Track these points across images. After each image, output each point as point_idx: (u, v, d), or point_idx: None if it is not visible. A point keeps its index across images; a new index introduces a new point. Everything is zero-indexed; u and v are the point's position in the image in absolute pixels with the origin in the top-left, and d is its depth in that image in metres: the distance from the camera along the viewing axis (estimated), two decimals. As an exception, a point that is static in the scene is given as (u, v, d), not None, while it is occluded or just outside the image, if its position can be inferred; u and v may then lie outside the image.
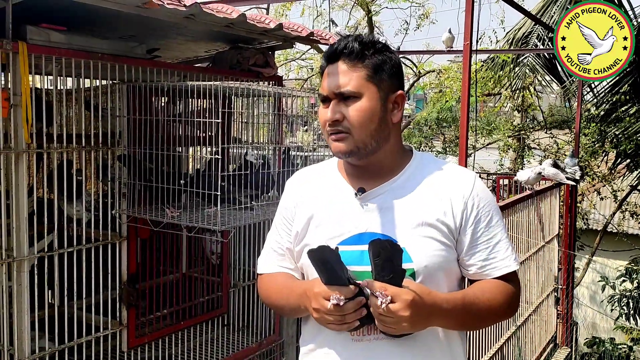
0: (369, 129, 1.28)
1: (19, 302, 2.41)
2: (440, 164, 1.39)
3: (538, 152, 9.47)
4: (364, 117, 1.27)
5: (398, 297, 1.15)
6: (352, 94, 1.27)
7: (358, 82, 1.27)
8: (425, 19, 9.92)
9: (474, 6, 3.27)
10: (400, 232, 1.28)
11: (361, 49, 1.28)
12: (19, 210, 2.38)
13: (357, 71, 1.27)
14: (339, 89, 1.27)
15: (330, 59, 1.30)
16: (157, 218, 2.65)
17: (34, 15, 2.42)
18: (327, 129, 1.29)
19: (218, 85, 2.53)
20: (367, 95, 1.28)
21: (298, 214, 1.41)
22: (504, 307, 1.33)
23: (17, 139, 2.35)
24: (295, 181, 1.47)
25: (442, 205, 1.30)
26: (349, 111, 1.27)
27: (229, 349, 3.40)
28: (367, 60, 1.28)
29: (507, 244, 1.35)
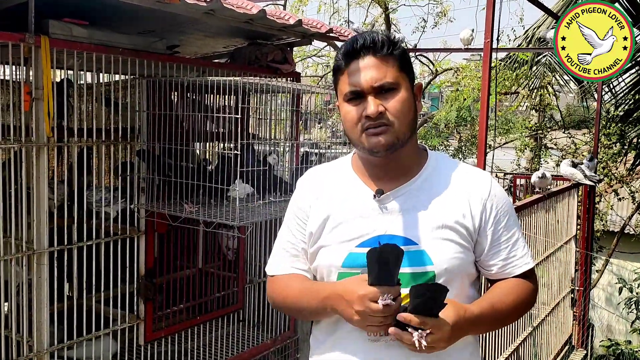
0: (407, 119, 1.28)
1: (38, 294, 2.44)
2: (455, 164, 1.39)
3: (555, 152, 9.36)
4: (405, 108, 1.27)
5: (438, 329, 1.16)
6: (392, 86, 1.26)
7: (394, 73, 1.27)
8: (443, 16, 9.85)
9: (495, 3, 3.24)
10: (420, 234, 1.27)
11: (389, 42, 1.27)
12: (39, 203, 2.40)
13: (391, 63, 1.27)
14: (378, 82, 1.25)
15: (354, 56, 1.28)
16: (175, 213, 2.66)
17: (56, 10, 2.43)
18: (367, 124, 1.26)
19: (237, 81, 2.52)
20: (403, 86, 1.28)
21: (313, 214, 1.37)
22: (527, 305, 1.37)
23: (39, 133, 2.37)
24: (309, 180, 1.44)
25: (460, 207, 1.30)
26: (391, 103, 1.26)
27: (243, 344, 3.41)
28: (395, 52, 1.28)
29: (523, 242, 1.37)
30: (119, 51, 2.59)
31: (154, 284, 2.87)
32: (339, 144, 3.80)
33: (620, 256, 9.24)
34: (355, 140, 1.30)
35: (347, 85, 1.28)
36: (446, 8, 9.88)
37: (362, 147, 1.29)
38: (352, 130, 1.29)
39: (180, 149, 2.75)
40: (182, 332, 3.14)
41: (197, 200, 2.72)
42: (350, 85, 1.27)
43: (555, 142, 9.28)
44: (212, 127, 3.20)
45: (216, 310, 3.34)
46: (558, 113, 9.87)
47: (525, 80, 8.20)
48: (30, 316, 2.45)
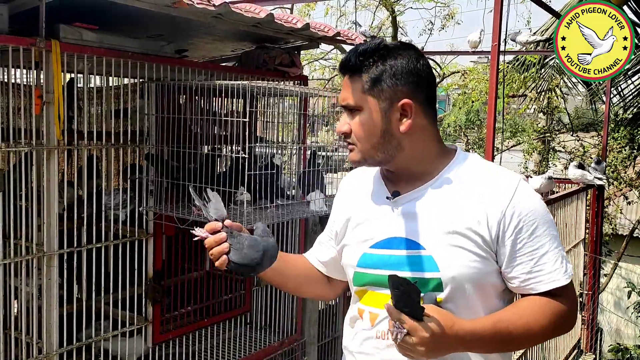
0: (370, 142, 1.26)
1: (48, 296, 2.45)
2: (483, 167, 1.30)
3: (563, 155, 9.31)
4: (364, 131, 1.26)
5: (415, 332, 1.11)
6: (354, 107, 1.27)
7: (356, 95, 1.26)
8: (451, 19, 9.85)
9: (503, 7, 3.23)
10: (427, 238, 1.24)
11: (360, 61, 1.24)
12: (49, 206, 2.42)
13: (356, 84, 1.26)
14: (343, 102, 1.28)
15: (341, 72, 1.32)
16: (183, 215, 2.68)
17: (67, 14, 2.46)
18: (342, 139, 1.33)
19: (246, 84, 2.53)
20: (366, 108, 1.25)
21: (339, 213, 1.43)
22: (547, 328, 1.22)
23: (49, 136, 2.39)
24: (346, 181, 1.49)
25: (476, 213, 1.22)
26: (353, 124, 1.28)
27: (250, 347, 3.42)
28: (365, 72, 1.24)
29: (557, 256, 1.23)
30: (128, 55, 2.61)
31: (161, 286, 2.89)
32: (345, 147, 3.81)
33: (629, 260, 9.17)
34: None
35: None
36: (453, 11, 9.87)
37: None
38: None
39: (188, 152, 2.76)
40: (190, 334, 3.15)
41: (205, 203, 2.73)
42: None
43: (564, 145, 9.23)
44: (220, 130, 3.22)
45: (223, 312, 3.35)
46: (566, 116, 9.82)
47: (533, 83, 8.17)
48: (39, 318, 2.47)
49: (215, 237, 1.29)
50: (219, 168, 3.24)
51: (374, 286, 1.30)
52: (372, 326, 1.30)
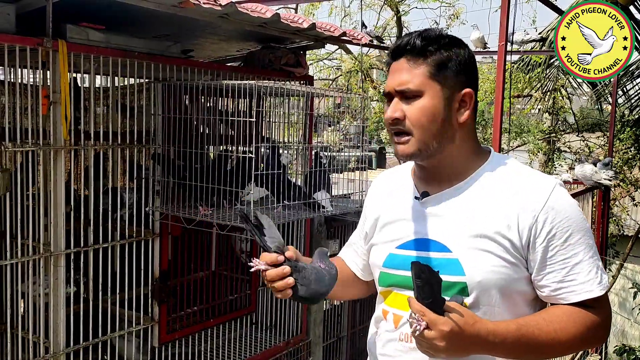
0: (430, 130, 1.20)
1: (55, 296, 2.46)
2: (518, 170, 1.26)
3: (568, 156, 9.27)
4: (426, 117, 1.20)
5: (435, 325, 1.07)
6: (414, 93, 1.20)
7: (420, 80, 1.20)
8: (456, 19, 9.81)
9: (510, 6, 3.21)
10: (454, 241, 1.20)
11: (424, 45, 1.21)
12: (56, 206, 2.43)
13: (420, 68, 1.21)
14: (401, 86, 1.21)
15: (394, 56, 1.25)
16: (189, 216, 2.67)
17: (74, 14, 2.46)
18: (390, 127, 1.24)
19: (252, 84, 2.53)
20: (429, 94, 1.20)
21: (369, 213, 1.42)
22: (576, 338, 1.17)
23: (56, 136, 2.40)
24: (376, 181, 1.48)
25: (506, 218, 1.18)
26: (410, 110, 1.21)
27: (256, 347, 3.42)
28: (430, 57, 1.21)
29: (591, 266, 1.18)
30: (134, 55, 2.61)
31: (168, 286, 2.89)
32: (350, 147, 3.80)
33: (635, 260, 9.12)
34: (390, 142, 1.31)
35: (385, 85, 1.28)
36: (458, 11, 9.84)
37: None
38: (387, 132, 1.28)
39: (194, 152, 2.76)
40: (196, 334, 3.15)
41: (212, 203, 2.73)
42: (385, 86, 1.27)
43: (569, 146, 9.20)
44: (226, 130, 3.22)
45: (229, 312, 3.34)
46: (571, 116, 9.78)
47: (538, 83, 8.14)
48: (46, 317, 2.47)
49: (278, 271, 1.22)
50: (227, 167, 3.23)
51: (398, 287, 1.28)
52: (396, 328, 1.27)
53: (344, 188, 3.35)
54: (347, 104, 8.71)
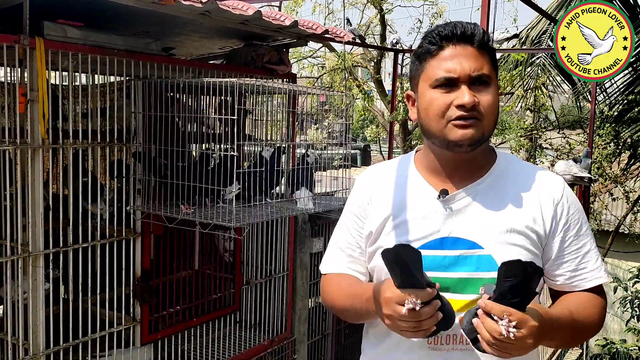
0: (495, 116, 1.21)
1: (34, 297, 2.42)
2: (526, 165, 1.31)
3: (550, 152, 9.39)
4: (495, 105, 1.20)
5: (524, 323, 1.02)
6: (487, 79, 1.19)
7: (489, 68, 1.20)
8: (439, 17, 9.87)
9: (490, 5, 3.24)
10: (486, 238, 1.20)
11: (486, 35, 1.21)
12: (34, 206, 2.39)
13: (486, 57, 1.20)
14: (477, 72, 1.17)
15: (452, 40, 1.19)
16: (171, 214, 2.65)
17: (51, 11, 2.43)
18: (458, 114, 1.17)
19: (233, 82, 2.52)
20: (494, 83, 1.21)
21: (372, 212, 1.31)
22: (598, 322, 1.24)
23: (34, 135, 2.36)
24: (368, 178, 1.38)
25: (532, 211, 1.21)
26: (485, 97, 1.18)
27: (240, 346, 3.40)
28: (489, 48, 1.21)
29: (597, 254, 1.27)
30: (114, 52, 2.58)
31: (150, 286, 2.86)
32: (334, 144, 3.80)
33: (615, 255, 9.28)
34: (436, 130, 1.20)
35: (439, 70, 1.19)
36: (441, 9, 9.90)
37: (443, 138, 1.20)
38: (436, 120, 1.19)
39: (176, 150, 2.74)
40: (179, 334, 3.13)
41: (194, 202, 2.71)
42: (445, 71, 1.18)
43: (550, 143, 9.32)
44: (206, 128, 3.20)
45: (213, 311, 3.33)
46: (552, 113, 9.90)
47: (520, 81, 8.23)
48: (25, 319, 2.43)
49: (432, 307, 1.06)
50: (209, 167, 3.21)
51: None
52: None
53: (328, 186, 3.36)
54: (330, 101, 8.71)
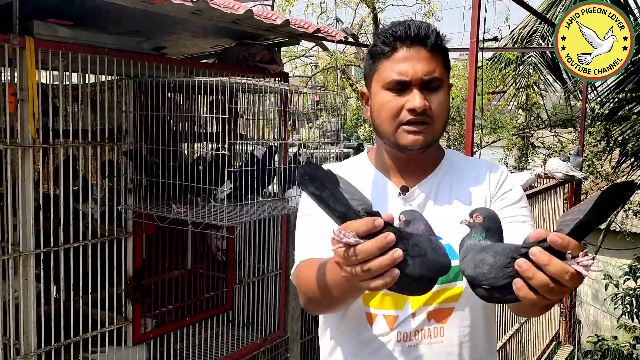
0: (445, 119, 1.21)
1: (25, 297, 2.42)
2: (471, 159, 1.36)
3: (542, 151, 9.45)
4: (445, 108, 1.20)
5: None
6: (439, 83, 1.18)
7: (441, 70, 1.18)
8: (431, 16, 9.91)
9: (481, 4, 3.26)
10: (444, 229, 1.21)
11: (437, 37, 1.19)
12: (25, 205, 2.39)
13: (439, 59, 1.19)
14: (429, 75, 1.16)
15: (405, 42, 1.17)
16: (163, 214, 2.65)
17: (41, 10, 2.42)
18: (408, 118, 1.16)
19: (224, 81, 2.52)
20: (445, 85, 1.20)
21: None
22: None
23: (24, 134, 2.35)
24: None
25: (480, 196, 1.25)
26: (435, 100, 1.17)
27: (233, 345, 3.41)
28: (442, 51, 1.20)
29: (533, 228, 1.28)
30: (104, 51, 2.58)
31: (142, 286, 2.86)
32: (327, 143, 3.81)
33: (606, 253, 9.35)
34: (387, 132, 1.20)
35: (391, 72, 1.17)
36: (433, 8, 9.94)
37: (395, 141, 1.20)
38: (387, 122, 1.19)
39: (167, 150, 2.74)
40: (172, 333, 3.13)
41: (185, 201, 2.71)
42: (397, 74, 1.16)
43: (542, 141, 9.38)
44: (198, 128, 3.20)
45: (205, 311, 3.33)
46: (544, 112, 9.97)
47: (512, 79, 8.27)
48: (17, 319, 2.43)
49: (378, 241, 0.85)
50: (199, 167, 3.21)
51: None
52: (391, 329, 1.20)
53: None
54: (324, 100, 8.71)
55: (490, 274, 0.88)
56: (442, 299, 1.19)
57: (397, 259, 0.86)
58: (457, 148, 10.16)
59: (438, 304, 1.19)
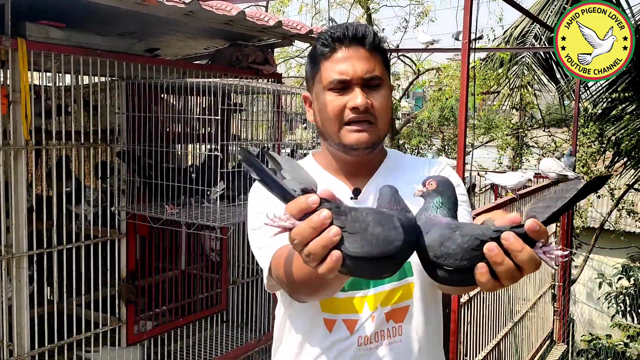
0: (388, 117, 1.20)
1: (19, 299, 2.42)
2: (410, 156, 1.39)
3: (536, 151, 9.49)
4: (387, 106, 1.19)
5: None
6: (379, 81, 1.18)
7: (381, 69, 1.19)
8: (425, 16, 9.92)
9: (472, 5, 3.27)
10: None
11: (377, 36, 1.20)
12: (18, 207, 2.39)
13: (378, 58, 1.19)
14: (369, 74, 1.16)
15: (344, 42, 1.17)
16: (156, 215, 2.66)
17: (33, 12, 2.42)
18: (351, 117, 1.16)
19: (217, 82, 2.53)
20: (386, 84, 1.21)
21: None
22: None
23: (16, 136, 2.36)
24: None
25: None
26: (377, 99, 1.17)
27: (227, 345, 3.41)
28: (380, 48, 1.20)
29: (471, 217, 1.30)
30: (96, 53, 2.58)
31: (135, 287, 2.86)
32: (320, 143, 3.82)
33: (600, 252, 9.40)
34: (331, 133, 1.19)
35: (332, 72, 1.17)
36: (427, 8, 9.95)
37: (339, 142, 1.19)
38: (331, 122, 1.18)
39: (161, 151, 2.75)
40: (166, 334, 3.13)
41: (179, 202, 2.72)
42: (337, 74, 1.16)
43: (536, 141, 9.41)
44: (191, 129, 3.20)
45: (199, 311, 3.33)
46: (538, 112, 10.01)
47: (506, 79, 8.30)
48: (10, 320, 2.43)
49: (312, 221, 0.77)
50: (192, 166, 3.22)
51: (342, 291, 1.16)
52: (352, 334, 1.18)
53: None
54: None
55: (457, 254, 0.81)
56: (395, 298, 1.18)
57: (332, 237, 0.77)
58: (452, 148, 10.19)
59: (391, 304, 1.18)
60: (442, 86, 9.70)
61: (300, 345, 1.21)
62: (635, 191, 8.36)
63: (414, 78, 10.68)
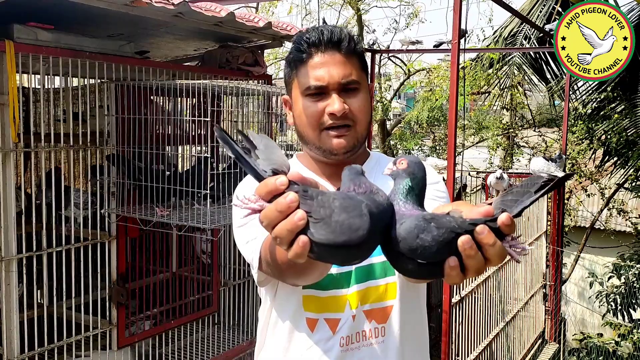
0: (367, 120, 1.21)
1: (8, 302, 2.40)
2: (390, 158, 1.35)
3: (527, 150, 9.55)
4: (365, 110, 1.19)
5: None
6: (356, 85, 1.18)
7: (358, 73, 1.19)
8: (415, 17, 9.96)
9: (462, 5, 3.29)
10: None
11: (353, 40, 1.20)
12: (7, 210, 2.37)
13: (355, 62, 1.20)
14: (345, 78, 1.16)
15: (320, 47, 1.17)
16: (146, 217, 2.65)
17: (21, 14, 2.41)
18: (329, 122, 1.17)
19: (207, 84, 2.53)
20: (364, 87, 1.21)
21: None
22: None
23: (5, 139, 2.34)
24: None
25: None
26: (355, 103, 1.18)
27: (219, 347, 3.40)
28: (357, 52, 1.20)
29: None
30: (85, 55, 2.57)
31: (126, 289, 2.85)
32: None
33: (591, 251, 9.46)
34: (311, 139, 1.20)
35: (309, 78, 1.17)
36: (417, 9, 9.99)
37: (319, 147, 1.19)
38: (309, 128, 1.19)
39: (151, 153, 2.74)
40: (157, 336, 3.12)
41: (169, 204, 2.71)
42: (314, 79, 1.17)
43: (527, 141, 9.47)
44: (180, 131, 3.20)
45: (191, 313, 3.32)
46: (529, 112, 10.07)
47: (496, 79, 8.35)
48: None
49: (278, 204, 0.76)
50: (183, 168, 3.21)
51: (323, 290, 1.17)
52: (334, 334, 1.17)
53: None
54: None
55: (432, 248, 0.77)
56: (377, 298, 1.17)
57: (297, 222, 0.74)
58: (443, 148, 10.23)
59: (373, 303, 1.17)
60: (432, 87, 9.74)
61: (284, 347, 1.21)
62: (625, 190, 8.43)
63: (404, 79, 10.70)
